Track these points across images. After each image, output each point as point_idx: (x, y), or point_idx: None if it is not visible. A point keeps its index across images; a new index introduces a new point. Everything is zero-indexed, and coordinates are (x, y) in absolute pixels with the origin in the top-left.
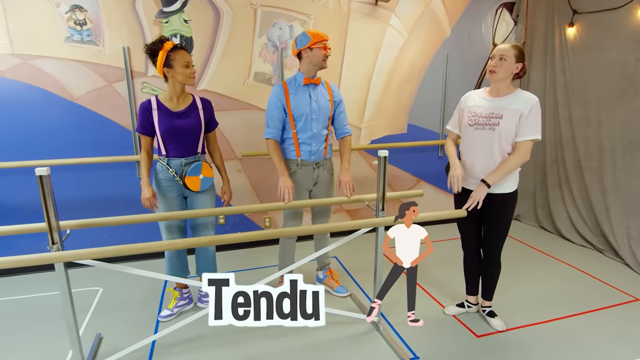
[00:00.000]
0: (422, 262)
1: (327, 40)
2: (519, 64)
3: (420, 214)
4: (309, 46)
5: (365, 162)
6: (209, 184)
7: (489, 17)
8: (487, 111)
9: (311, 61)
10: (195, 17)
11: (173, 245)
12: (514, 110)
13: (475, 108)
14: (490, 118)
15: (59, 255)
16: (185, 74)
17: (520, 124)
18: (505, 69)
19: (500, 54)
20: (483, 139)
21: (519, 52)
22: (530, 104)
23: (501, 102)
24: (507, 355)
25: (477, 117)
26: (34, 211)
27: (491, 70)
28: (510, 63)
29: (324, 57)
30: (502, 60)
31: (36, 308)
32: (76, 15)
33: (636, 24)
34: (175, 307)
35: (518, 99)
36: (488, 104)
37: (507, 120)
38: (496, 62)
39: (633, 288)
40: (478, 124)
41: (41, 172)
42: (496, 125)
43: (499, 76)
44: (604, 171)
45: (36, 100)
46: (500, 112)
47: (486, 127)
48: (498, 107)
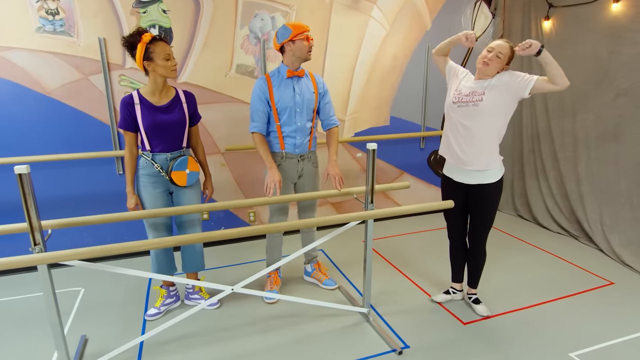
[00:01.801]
0: (408, 253)
1: (308, 31)
2: (507, 66)
3: (409, 206)
4: (291, 39)
5: (349, 155)
6: (195, 178)
7: (468, 10)
8: (471, 90)
9: (294, 54)
10: (174, 8)
11: (161, 243)
12: (497, 87)
13: (461, 87)
14: (474, 95)
15: (43, 257)
16: (166, 67)
17: (517, 85)
18: (497, 66)
19: (498, 50)
20: (466, 116)
21: (512, 55)
22: (508, 73)
23: (484, 82)
24: (494, 341)
25: (461, 95)
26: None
27: (485, 62)
28: (503, 62)
29: (308, 49)
30: (498, 57)
31: (10, 312)
32: (48, 5)
33: (609, 18)
34: (163, 305)
35: (496, 78)
36: (474, 85)
37: (488, 96)
38: (492, 57)
39: (607, 272)
40: (462, 101)
41: (21, 170)
42: (479, 102)
43: (490, 71)
44: (579, 161)
45: (6, 93)
46: (482, 90)
47: (470, 104)
48: (481, 86)
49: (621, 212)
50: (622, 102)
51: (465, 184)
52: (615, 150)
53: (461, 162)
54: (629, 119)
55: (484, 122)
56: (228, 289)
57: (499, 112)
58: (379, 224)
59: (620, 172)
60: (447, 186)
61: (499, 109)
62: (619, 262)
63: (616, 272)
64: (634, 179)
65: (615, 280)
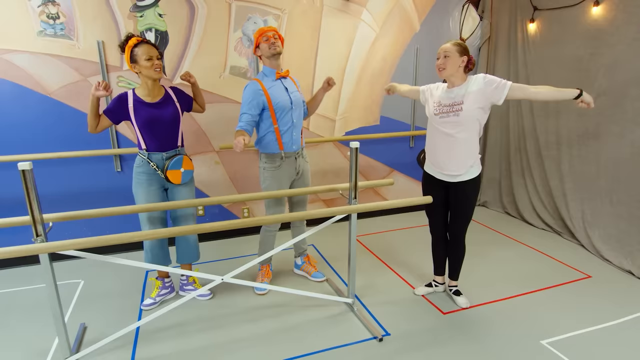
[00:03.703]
0: (394, 248)
1: (267, 31)
2: (464, 57)
3: (390, 201)
4: (256, 45)
5: (340, 153)
6: (190, 176)
7: (456, 13)
8: (450, 100)
9: (264, 54)
10: (169, 11)
11: (155, 234)
12: (473, 93)
13: (439, 99)
14: (453, 105)
15: (45, 247)
16: (147, 67)
17: (491, 93)
18: (451, 64)
19: (443, 52)
20: (449, 125)
21: (461, 47)
22: (482, 79)
23: (460, 90)
24: (470, 329)
25: (442, 107)
26: (10, 205)
27: (440, 68)
28: (455, 58)
29: (269, 46)
30: (446, 57)
31: (13, 302)
32: (49, 9)
33: (590, 21)
34: (158, 295)
35: (472, 84)
36: (450, 94)
37: (467, 104)
38: (442, 60)
39: (586, 266)
40: (443, 112)
41: (24, 166)
42: (459, 111)
43: (448, 72)
44: (562, 159)
45: (9, 94)
46: (460, 99)
47: (450, 114)
48: (458, 94)
49: (601, 208)
50: (601, 102)
51: (445, 181)
52: (595, 149)
53: (446, 169)
54: (608, 117)
55: (466, 129)
56: (218, 279)
57: (479, 117)
58: (368, 220)
59: (601, 169)
60: (427, 183)
61: (478, 114)
62: (599, 256)
63: (595, 266)
64: (613, 176)
65: (592, 273)
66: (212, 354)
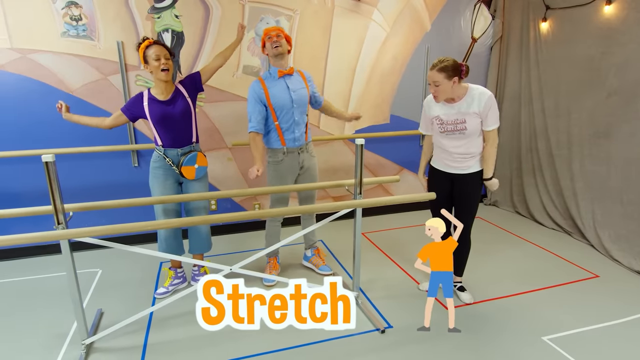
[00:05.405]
0: (401, 244)
1: (271, 31)
2: (455, 78)
3: (393, 197)
4: (262, 45)
5: (350, 151)
6: (203, 172)
7: (468, 12)
8: (452, 117)
9: (269, 54)
10: (185, 13)
11: (168, 224)
12: (473, 114)
13: (441, 116)
14: (457, 124)
15: (65, 233)
16: (155, 67)
17: (483, 118)
18: (443, 90)
19: (432, 81)
20: (457, 142)
21: (448, 71)
22: (484, 100)
23: (460, 106)
24: (472, 324)
25: (445, 125)
26: (34, 197)
27: (435, 96)
28: (445, 85)
29: (273, 46)
30: (437, 86)
31: (37, 289)
32: (72, 11)
33: (602, 20)
34: (171, 285)
35: (474, 100)
36: (450, 110)
37: (470, 122)
38: (434, 89)
39: (594, 265)
40: (448, 130)
41: (47, 158)
42: (464, 130)
43: (442, 97)
44: (573, 159)
45: (35, 92)
46: (463, 117)
47: (456, 133)
48: (459, 112)
49: (612, 208)
50: (613, 101)
51: (451, 173)
52: (606, 148)
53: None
54: (619, 117)
55: (473, 137)
56: (227, 269)
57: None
58: (375, 218)
59: (612, 169)
60: (433, 176)
61: (480, 124)
62: (608, 256)
63: (603, 266)
64: (624, 176)
65: (600, 273)
66: (219, 340)
